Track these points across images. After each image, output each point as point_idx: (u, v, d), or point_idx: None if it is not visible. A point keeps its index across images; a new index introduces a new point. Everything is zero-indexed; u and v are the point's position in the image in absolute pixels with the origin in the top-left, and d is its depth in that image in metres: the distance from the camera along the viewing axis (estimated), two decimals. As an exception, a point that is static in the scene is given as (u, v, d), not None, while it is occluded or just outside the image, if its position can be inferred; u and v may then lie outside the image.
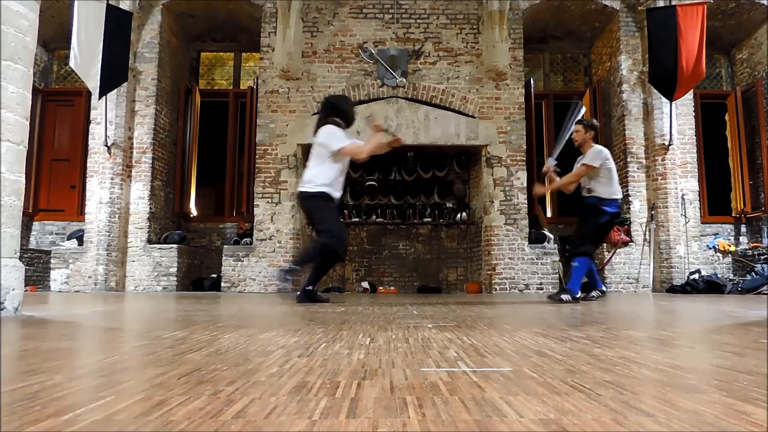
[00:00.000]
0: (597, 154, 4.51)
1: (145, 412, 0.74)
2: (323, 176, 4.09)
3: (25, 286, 4.23)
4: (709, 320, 2.58)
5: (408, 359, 1.25)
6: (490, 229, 7.79)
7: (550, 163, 4.81)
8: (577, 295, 4.37)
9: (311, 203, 4.13)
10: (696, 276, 7.42)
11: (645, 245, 7.88)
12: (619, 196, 4.56)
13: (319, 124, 4.27)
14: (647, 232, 7.88)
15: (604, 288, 4.65)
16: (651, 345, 1.54)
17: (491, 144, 7.87)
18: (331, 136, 4.08)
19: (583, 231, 4.59)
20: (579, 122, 4.77)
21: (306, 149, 8.03)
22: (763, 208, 8.29)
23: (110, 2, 7.16)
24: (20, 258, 2.76)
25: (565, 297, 4.28)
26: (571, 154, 4.84)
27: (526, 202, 7.85)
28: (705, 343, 1.63)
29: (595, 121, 4.84)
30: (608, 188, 4.51)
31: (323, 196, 4.09)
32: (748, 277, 7.22)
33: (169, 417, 0.71)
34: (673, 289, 7.33)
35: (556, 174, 4.79)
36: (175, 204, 8.71)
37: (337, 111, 4.27)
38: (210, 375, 1.02)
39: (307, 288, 4.21)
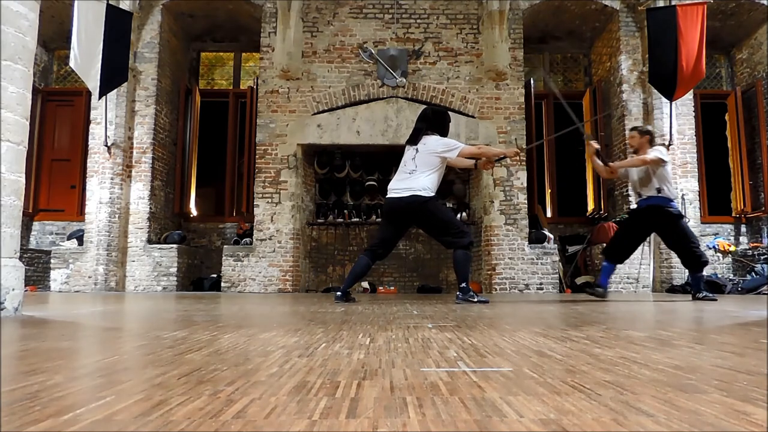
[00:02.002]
0: (664, 151, 4.64)
1: (145, 412, 0.74)
2: (436, 184, 4.24)
3: (25, 286, 4.23)
4: (709, 320, 2.58)
5: (408, 359, 1.25)
6: (490, 229, 7.79)
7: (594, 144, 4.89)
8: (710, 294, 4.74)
9: (434, 205, 4.20)
10: (696, 276, 7.41)
11: (645, 245, 7.87)
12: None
13: (422, 134, 4.31)
14: (647, 232, 7.87)
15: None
16: (651, 345, 1.54)
17: (491, 144, 7.86)
18: (448, 145, 4.20)
19: (690, 241, 4.65)
20: (634, 128, 4.89)
21: (306, 149, 8.06)
22: (763, 208, 8.29)
23: (110, 2, 7.16)
24: (20, 258, 2.76)
25: (706, 295, 4.67)
26: (571, 155, 4.82)
27: (526, 202, 7.85)
28: (705, 343, 1.63)
29: (649, 127, 5.00)
30: (672, 188, 4.69)
31: (437, 199, 4.26)
32: (748, 277, 7.22)
33: (169, 417, 0.71)
34: (673, 289, 7.33)
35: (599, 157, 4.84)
36: (175, 204, 8.71)
37: (442, 128, 4.38)
38: (210, 375, 1.02)
39: (348, 290, 4.36)
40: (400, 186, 4.25)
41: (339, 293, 4.29)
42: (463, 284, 4.12)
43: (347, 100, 7.96)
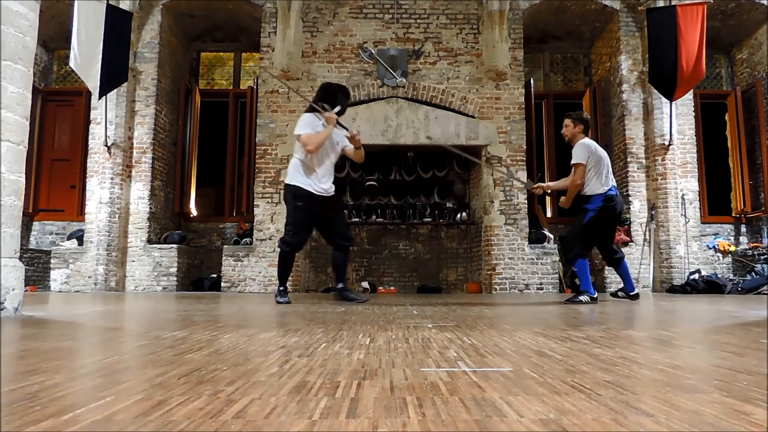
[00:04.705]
0: (581, 148, 4.37)
1: (145, 412, 0.74)
2: (295, 167, 4.06)
3: (25, 286, 4.23)
4: (709, 320, 2.58)
5: (408, 359, 1.25)
6: (490, 229, 7.79)
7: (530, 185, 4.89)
8: (594, 295, 4.31)
9: (286, 198, 4.12)
10: (696, 276, 7.42)
11: (645, 245, 7.88)
12: (602, 190, 4.33)
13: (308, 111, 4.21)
14: (647, 232, 7.88)
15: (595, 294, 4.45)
16: (651, 345, 1.54)
17: (491, 144, 7.87)
18: (299, 122, 4.01)
19: (570, 233, 4.50)
20: (567, 116, 4.58)
21: (306, 149, 8.06)
22: (763, 208, 8.29)
23: (110, 2, 7.15)
24: (20, 258, 2.76)
25: (583, 298, 4.24)
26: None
27: (526, 202, 7.85)
28: (705, 343, 1.64)
29: (585, 114, 4.60)
30: (590, 183, 4.36)
31: (292, 189, 4.05)
32: (748, 277, 7.22)
33: (169, 417, 0.71)
34: (673, 289, 7.33)
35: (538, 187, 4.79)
36: (175, 204, 8.71)
37: (324, 99, 4.15)
38: (210, 375, 1.02)
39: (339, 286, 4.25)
40: None
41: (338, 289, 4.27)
42: (281, 287, 4.06)
43: (347, 100, 7.95)
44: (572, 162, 4.44)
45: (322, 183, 4.08)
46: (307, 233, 4.20)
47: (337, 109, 4.14)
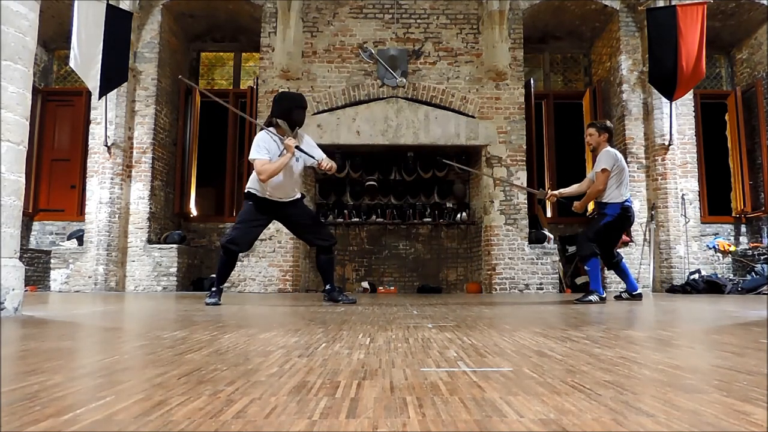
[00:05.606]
0: (608, 156, 4.50)
1: (145, 412, 0.74)
2: (255, 179, 3.92)
3: (25, 286, 4.23)
4: (709, 320, 2.58)
5: (408, 359, 1.25)
6: (490, 229, 7.79)
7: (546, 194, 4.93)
8: (603, 295, 4.36)
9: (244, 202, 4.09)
10: (696, 276, 7.42)
11: (645, 245, 7.88)
12: (620, 200, 4.47)
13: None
14: (647, 232, 7.88)
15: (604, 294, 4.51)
16: (651, 345, 1.54)
17: (491, 144, 7.87)
18: (253, 144, 3.83)
19: (585, 232, 4.63)
20: (591, 125, 4.73)
21: (306, 149, 8.05)
22: (763, 208, 8.29)
23: (110, 2, 7.15)
24: (20, 258, 2.76)
25: (593, 298, 4.29)
26: (571, 155, 4.73)
27: (526, 202, 7.84)
28: (705, 343, 1.64)
29: (608, 123, 4.79)
30: (610, 191, 4.49)
31: (247, 196, 3.98)
32: (748, 277, 7.21)
33: (169, 417, 0.71)
34: (673, 289, 7.33)
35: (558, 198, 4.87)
36: (175, 204, 8.71)
37: (278, 112, 3.88)
38: (210, 375, 1.02)
39: (327, 288, 4.10)
40: None
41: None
42: (216, 288, 3.85)
43: (347, 100, 7.96)
44: (598, 168, 4.54)
45: (280, 194, 3.94)
46: (250, 231, 3.94)
47: (296, 131, 3.92)
